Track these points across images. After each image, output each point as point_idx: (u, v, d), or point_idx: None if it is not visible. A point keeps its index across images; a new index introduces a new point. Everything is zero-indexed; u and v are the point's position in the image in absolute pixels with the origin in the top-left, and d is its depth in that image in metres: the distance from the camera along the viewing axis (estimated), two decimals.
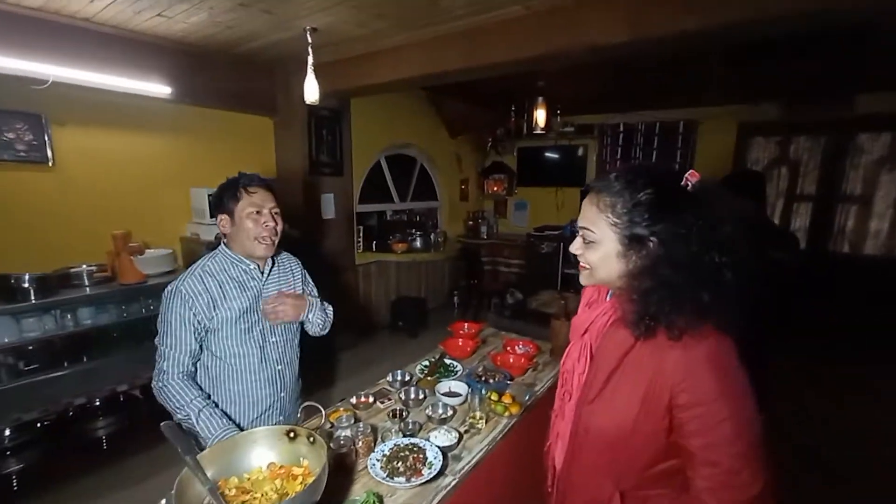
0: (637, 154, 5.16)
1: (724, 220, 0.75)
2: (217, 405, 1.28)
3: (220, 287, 1.29)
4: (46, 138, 2.49)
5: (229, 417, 1.29)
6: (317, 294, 1.58)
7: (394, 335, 4.53)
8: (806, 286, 4.04)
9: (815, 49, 2.96)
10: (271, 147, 3.69)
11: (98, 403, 2.47)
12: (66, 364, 2.35)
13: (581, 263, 0.89)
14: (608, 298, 0.93)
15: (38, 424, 2.31)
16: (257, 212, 1.29)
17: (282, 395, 1.42)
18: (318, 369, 3.68)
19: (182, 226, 3.11)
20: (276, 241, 1.35)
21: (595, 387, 0.85)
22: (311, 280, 1.60)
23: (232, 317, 1.29)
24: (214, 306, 1.27)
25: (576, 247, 0.88)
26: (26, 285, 2.16)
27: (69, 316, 2.32)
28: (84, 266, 2.44)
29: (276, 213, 1.34)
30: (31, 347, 2.26)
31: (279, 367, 1.41)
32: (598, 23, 2.24)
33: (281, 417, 1.43)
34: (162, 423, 0.86)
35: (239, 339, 1.32)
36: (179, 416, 1.22)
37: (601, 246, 0.82)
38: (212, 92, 3.11)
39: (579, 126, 5.34)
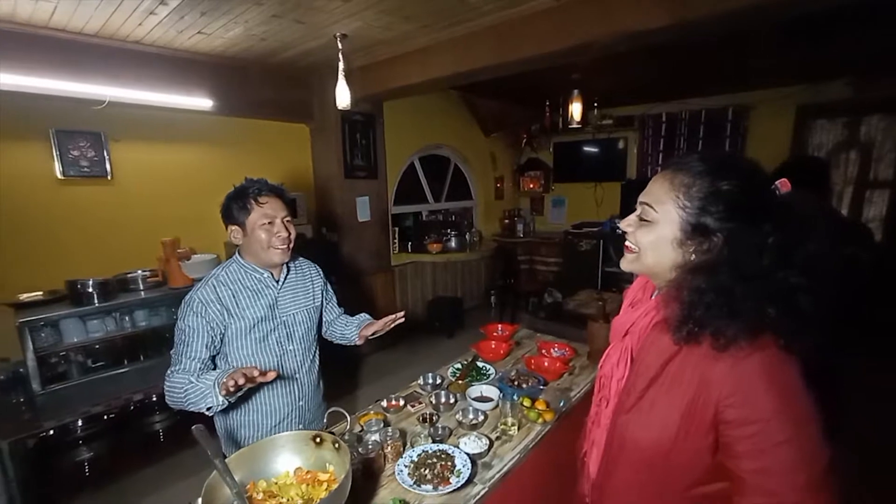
0: (681, 145, 4.87)
1: (810, 238, 0.66)
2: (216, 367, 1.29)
3: (234, 297, 1.28)
4: (105, 154, 2.69)
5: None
6: (336, 302, 1.58)
7: (430, 335, 4.54)
8: (884, 285, 3.64)
9: (888, 16, 2.64)
10: (308, 153, 3.80)
11: (154, 399, 2.64)
12: (125, 362, 2.53)
13: (628, 244, 0.81)
14: (653, 298, 0.84)
15: (105, 417, 2.50)
16: (269, 222, 1.26)
17: (300, 403, 1.40)
18: (353, 370, 3.76)
19: (224, 232, 3.26)
20: (291, 248, 1.33)
21: (633, 395, 0.78)
22: (331, 289, 1.58)
23: (245, 326, 1.28)
24: (228, 315, 1.26)
25: (628, 223, 0.81)
26: (90, 290, 2.35)
27: (127, 318, 2.50)
28: (139, 271, 2.62)
29: (288, 222, 1.31)
30: (97, 346, 2.46)
31: (297, 375, 1.39)
32: (633, 8, 2.11)
33: (300, 426, 1.40)
34: (193, 427, 0.89)
35: (254, 349, 1.30)
36: (189, 399, 1.14)
37: (658, 228, 0.75)
38: (250, 103, 3.24)
39: (619, 118, 5.13)
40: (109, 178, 2.70)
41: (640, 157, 5.22)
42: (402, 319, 1.44)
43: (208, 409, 1.13)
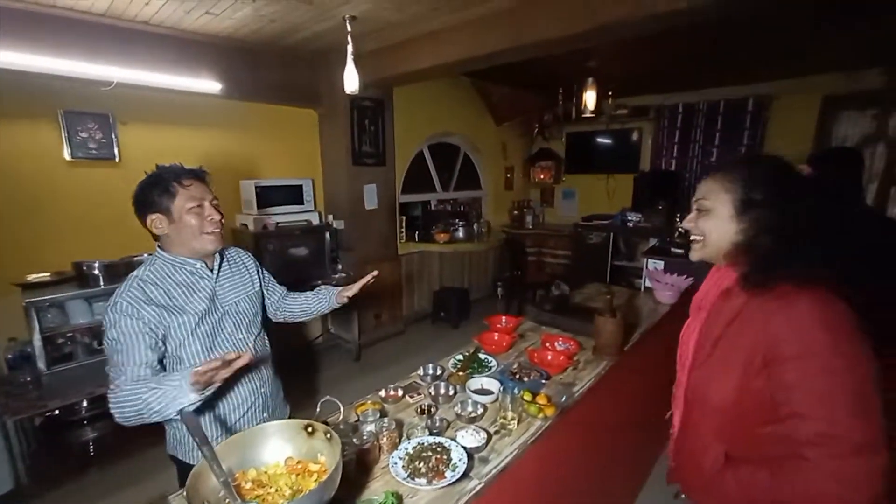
0: (698, 136, 4.72)
1: (833, 208, 0.84)
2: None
3: (167, 295, 1.15)
4: (113, 136, 2.69)
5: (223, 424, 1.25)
6: (276, 282, 1.55)
7: (436, 326, 4.53)
8: None
9: None
10: (316, 138, 3.77)
11: None
12: None
13: (693, 237, 0.98)
14: (715, 270, 1.01)
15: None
16: (198, 205, 1.16)
17: (262, 390, 1.35)
18: (357, 359, 3.76)
19: (232, 216, 3.27)
20: (223, 234, 1.24)
21: (703, 353, 0.93)
22: (267, 273, 1.53)
23: (187, 322, 1.17)
24: (167, 314, 1.14)
25: (689, 219, 0.98)
26: (97, 272, 2.36)
27: None
28: (145, 255, 2.62)
29: (217, 205, 1.22)
30: (102, 328, 2.47)
31: (255, 363, 1.30)
32: None
33: (265, 414, 1.35)
34: (181, 411, 0.87)
35: (204, 344, 1.21)
36: (151, 407, 1.01)
37: (715, 212, 0.91)
38: (259, 86, 3.21)
39: (634, 108, 4.99)
40: (117, 160, 2.71)
41: (654, 149, 5.09)
42: (376, 274, 1.51)
43: (179, 412, 0.99)
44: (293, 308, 1.57)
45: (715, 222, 0.91)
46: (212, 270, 1.28)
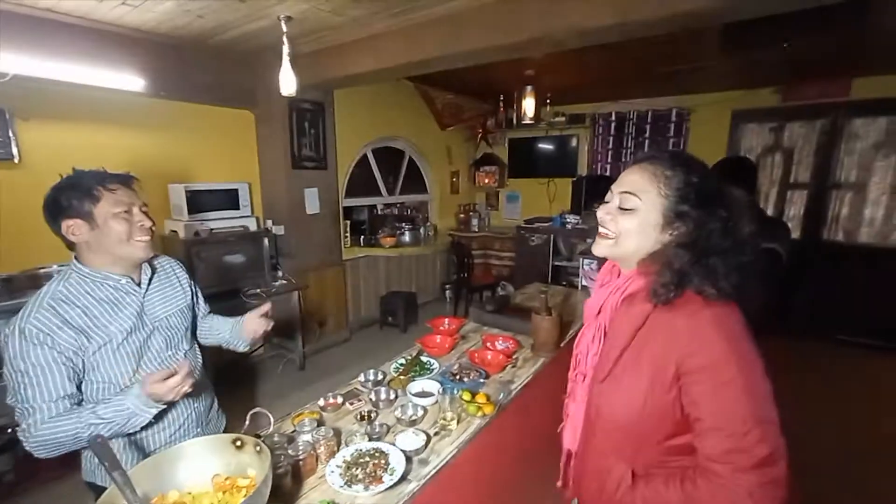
0: (628, 144, 5.07)
1: (744, 221, 0.80)
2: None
3: (86, 314, 1.04)
4: (11, 134, 2.40)
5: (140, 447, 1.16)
6: (202, 298, 1.44)
7: (383, 331, 4.48)
8: (798, 277, 4.00)
9: (811, 30, 2.85)
10: (253, 141, 3.61)
11: None
12: None
13: (603, 232, 0.87)
14: (621, 276, 0.91)
15: (9, 430, 2.24)
16: (126, 211, 1.07)
17: (196, 405, 1.26)
18: (302, 366, 3.63)
19: (160, 223, 3.04)
20: (153, 241, 1.15)
21: (606, 366, 0.85)
22: (198, 289, 1.43)
23: (112, 343, 1.07)
24: (86, 338, 1.03)
25: (607, 210, 0.87)
26: None
27: None
28: (55, 266, 2.37)
29: (147, 211, 1.13)
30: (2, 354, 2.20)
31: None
32: (582, 5, 2.15)
33: (199, 429, 1.28)
34: (88, 438, 0.80)
35: (127, 365, 1.10)
36: (84, 436, 0.96)
37: (641, 214, 0.82)
38: (188, 85, 3.01)
39: (571, 116, 5.25)
40: (17, 161, 2.42)
41: (590, 154, 5.38)
42: (270, 305, 1.42)
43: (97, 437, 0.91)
44: (208, 334, 1.46)
45: (639, 226, 0.82)
46: (139, 285, 1.17)
